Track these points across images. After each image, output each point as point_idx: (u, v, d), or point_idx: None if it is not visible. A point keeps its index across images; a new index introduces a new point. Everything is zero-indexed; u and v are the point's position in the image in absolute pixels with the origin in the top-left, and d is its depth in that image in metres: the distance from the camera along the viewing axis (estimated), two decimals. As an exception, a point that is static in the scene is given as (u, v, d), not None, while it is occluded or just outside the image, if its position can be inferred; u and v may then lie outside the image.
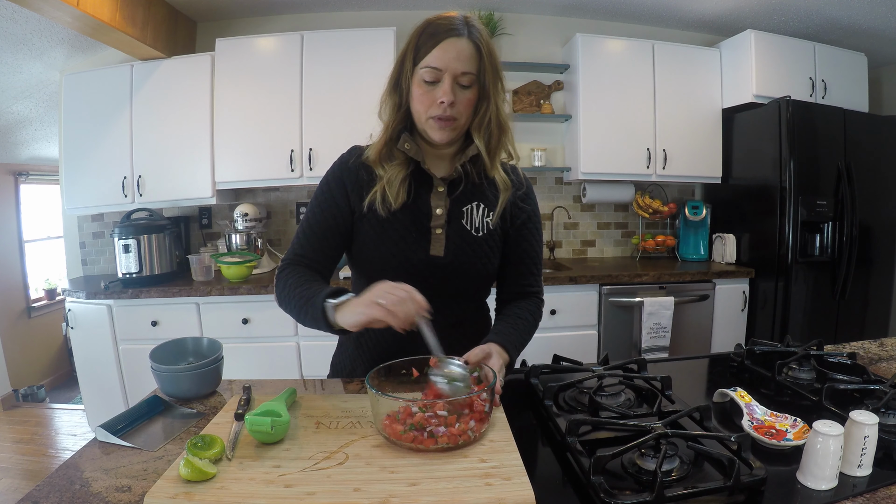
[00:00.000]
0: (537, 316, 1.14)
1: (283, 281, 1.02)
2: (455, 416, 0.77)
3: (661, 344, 2.71)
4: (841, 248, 2.77)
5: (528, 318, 1.11)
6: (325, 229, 1.06)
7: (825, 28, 3.04)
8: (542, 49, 3.19)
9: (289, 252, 1.08)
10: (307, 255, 1.06)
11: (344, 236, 1.08)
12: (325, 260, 1.07)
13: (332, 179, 1.08)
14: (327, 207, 1.06)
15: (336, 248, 1.08)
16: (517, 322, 1.08)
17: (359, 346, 1.14)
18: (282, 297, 1.01)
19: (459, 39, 0.95)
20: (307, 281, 0.99)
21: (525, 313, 1.11)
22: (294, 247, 1.07)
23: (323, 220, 1.06)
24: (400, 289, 0.86)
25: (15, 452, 2.92)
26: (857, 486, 0.68)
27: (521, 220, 1.13)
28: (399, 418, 0.77)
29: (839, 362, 1.09)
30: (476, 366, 0.91)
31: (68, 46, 2.83)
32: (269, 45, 2.77)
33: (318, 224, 1.06)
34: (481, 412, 0.80)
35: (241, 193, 3.07)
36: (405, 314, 0.83)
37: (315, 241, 1.06)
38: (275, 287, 1.04)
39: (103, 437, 0.83)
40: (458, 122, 0.99)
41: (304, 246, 1.06)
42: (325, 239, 1.06)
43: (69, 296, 2.67)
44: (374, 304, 0.84)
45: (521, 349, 1.06)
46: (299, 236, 1.08)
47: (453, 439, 0.75)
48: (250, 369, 2.51)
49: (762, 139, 2.83)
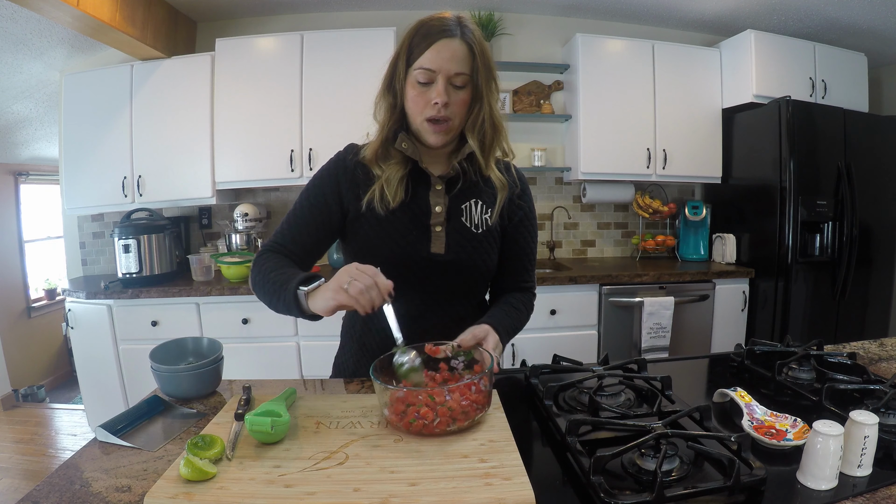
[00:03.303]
0: (530, 308, 1.17)
1: (258, 266, 1.01)
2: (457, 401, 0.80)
3: (661, 344, 2.71)
4: (841, 248, 2.77)
5: (521, 308, 1.13)
6: (309, 223, 1.06)
7: (825, 28, 3.04)
8: (542, 49, 3.19)
9: (269, 239, 1.07)
10: (286, 246, 1.05)
11: (327, 234, 1.08)
12: (303, 253, 1.06)
13: (325, 176, 1.08)
14: (315, 203, 1.06)
15: (317, 243, 1.08)
16: (510, 310, 1.10)
17: (362, 346, 1.14)
18: (256, 282, 1.00)
19: (452, 40, 0.95)
20: (281, 266, 0.99)
21: (519, 304, 1.14)
22: (276, 235, 1.07)
23: (309, 213, 1.06)
24: (364, 274, 0.86)
25: (15, 452, 2.92)
26: (857, 486, 0.68)
27: (517, 218, 1.14)
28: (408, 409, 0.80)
29: (839, 362, 1.09)
30: (470, 349, 0.94)
31: (68, 46, 2.83)
32: (269, 45, 2.77)
33: (304, 217, 1.06)
34: (484, 394, 0.82)
35: (241, 193, 3.07)
36: (368, 301, 0.84)
37: (297, 234, 1.06)
38: (250, 272, 1.03)
39: (103, 437, 0.83)
40: (453, 122, 1.00)
41: (285, 236, 1.06)
42: (307, 233, 1.06)
43: (69, 296, 2.67)
44: (340, 290, 0.85)
45: (511, 335, 1.08)
46: (283, 226, 1.07)
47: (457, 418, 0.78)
48: (250, 369, 2.51)
49: (762, 139, 2.83)
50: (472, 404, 0.80)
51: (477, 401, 0.81)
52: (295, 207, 1.08)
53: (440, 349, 0.93)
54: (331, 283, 0.87)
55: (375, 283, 0.85)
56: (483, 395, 0.83)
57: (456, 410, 0.79)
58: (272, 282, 0.95)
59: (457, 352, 0.94)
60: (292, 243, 1.05)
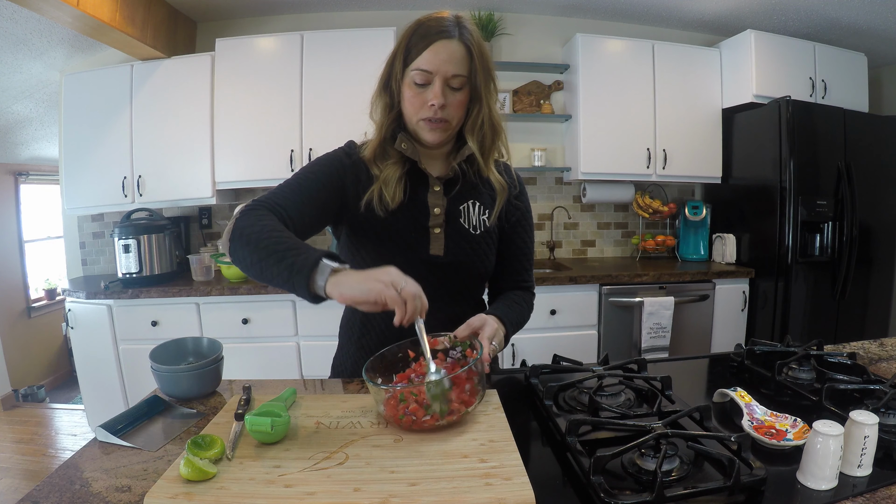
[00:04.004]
0: (531, 305, 1.18)
1: (253, 217, 0.87)
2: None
3: (661, 344, 2.71)
4: (841, 248, 2.77)
5: (523, 304, 1.14)
6: (314, 198, 0.97)
7: (825, 28, 3.04)
8: (542, 49, 3.19)
9: (265, 197, 0.93)
10: (287, 212, 0.92)
11: (326, 216, 1.02)
12: (301, 227, 0.94)
13: (334, 161, 1.03)
14: (324, 180, 0.99)
15: (316, 221, 0.99)
16: (513, 304, 1.11)
17: (361, 348, 1.14)
18: (245, 235, 0.84)
19: (450, 41, 0.94)
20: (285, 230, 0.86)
21: (520, 300, 1.14)
22: (275, 196, 0.94)
23: (315, 188, 0.98)
24: (413, 283, 0.81)
25: (15, 452, 2.92)
26: (857, 486, 0.68)
27: (515, 219, 1.14)
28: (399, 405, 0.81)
29: (839, 362, 1.09)
30: (466, 339, 0.94)
31: (68, 46, 2.83)
32: (269, 45, 2.77)
33: (309, 190, 0.97)
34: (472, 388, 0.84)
35: (241, 193, 3.06)
36: (414, 308, 0.79)
37: (300, 204, 0.95)
38: (235, 221, 0.87)
39: (103, 437, 0.83)
40: (450, 123, 0.99)
41: (287, 200, 0.93)
42: (311, 206, 0.97)
43: (69, 296, 2.67)
44: (386, 284, 0.77)
45: (516, 327, 1.08)
46: (283, 190, 0.96)
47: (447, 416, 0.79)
48: (250, 369, 2.51)
49: (762, 139, 2.83)
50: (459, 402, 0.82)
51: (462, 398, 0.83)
52: (302, 175, 0.99)
53: (438, 341, 0.95)
54: (371, 273, 0.79)
55: (421, 296, 0.81)
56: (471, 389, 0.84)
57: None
58: (277, 241, 0.82)
59: (454, 343, 0.95)
60: (293, 211, 0.93)
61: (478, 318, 0.97)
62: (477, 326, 0.95)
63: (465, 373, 0.83)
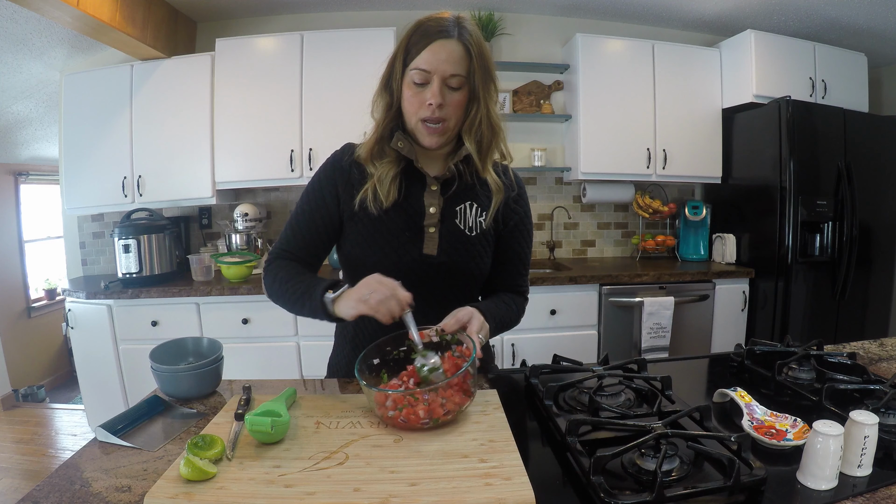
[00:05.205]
0: (521, 310, 1.17)
1: (272, 274, 1.04)
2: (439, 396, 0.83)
3: (661, 344, 2.71)
4: (841, 248, 2.77)
5: (511, 305, 1.14)
6: (311, 228, 1.07)
7: (825, 28, 3.04)
8: (542, 49, 3.19)
9: (276, 246, 1.09)
10: (294, 252, 1.08)
11: (331, 235, 1.09)
12: (310, 257, 1.10)
13: (323, 178, 1.09)
14: (316, 207, 1.07)
15: (322, 245, 1.10)
16: (500, 303, 1.11)
17: (355, 348, 1.13)
18: (273, 291, 1.04)
19: (449, 41, 0.94)
20: (299, 274, 1.02)
21: (510, 301, 1.14)
22: (282, 241, 1.09)
23: (311, 218, 1.07)
24: (383, 286, 0.90)
25: (15, 452, 2.92)
26: (857, 486, 0.68)
27: (513, 222, 1.13)
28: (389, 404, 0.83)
29: (839, 362, 1.09)
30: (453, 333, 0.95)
31: (68, 46, 2.83)
32: (269, 45, 2.77)
33: (306, 222, 1.08)
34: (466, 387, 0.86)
35: (241, 193, 3.07)
36: (387, 311, 0.89)
37: (301, 239, 1.08)
38: (263, 280, 1.06)
39: (103, 437, 0.83)
40: (448, 123, 0.99)
41: (290, 242, 1.08)
42: (312, 238, 1.08)
43: (69, 296, 2.67)
44: (361, 301, 0.90)
45: (500, 326, 1.08)
46: (287, 232, 1.10)
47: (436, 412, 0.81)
48: (250, 369, 2.51)
49: (762, 139, 2.83)
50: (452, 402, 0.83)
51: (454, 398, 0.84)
52: (296, 214, 1.09)
53: (424, 334, 0.95)
54: (353, 293, 0.92)
55: (394, 294, 0.90)
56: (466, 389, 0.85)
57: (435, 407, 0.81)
58: (293, 290, 0.99)
59: (442, 336, 0.95)
60: (298, 248, 1.08)
61: (464, 310, 0.97)
62: (464, 319, 0.95)
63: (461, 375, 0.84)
